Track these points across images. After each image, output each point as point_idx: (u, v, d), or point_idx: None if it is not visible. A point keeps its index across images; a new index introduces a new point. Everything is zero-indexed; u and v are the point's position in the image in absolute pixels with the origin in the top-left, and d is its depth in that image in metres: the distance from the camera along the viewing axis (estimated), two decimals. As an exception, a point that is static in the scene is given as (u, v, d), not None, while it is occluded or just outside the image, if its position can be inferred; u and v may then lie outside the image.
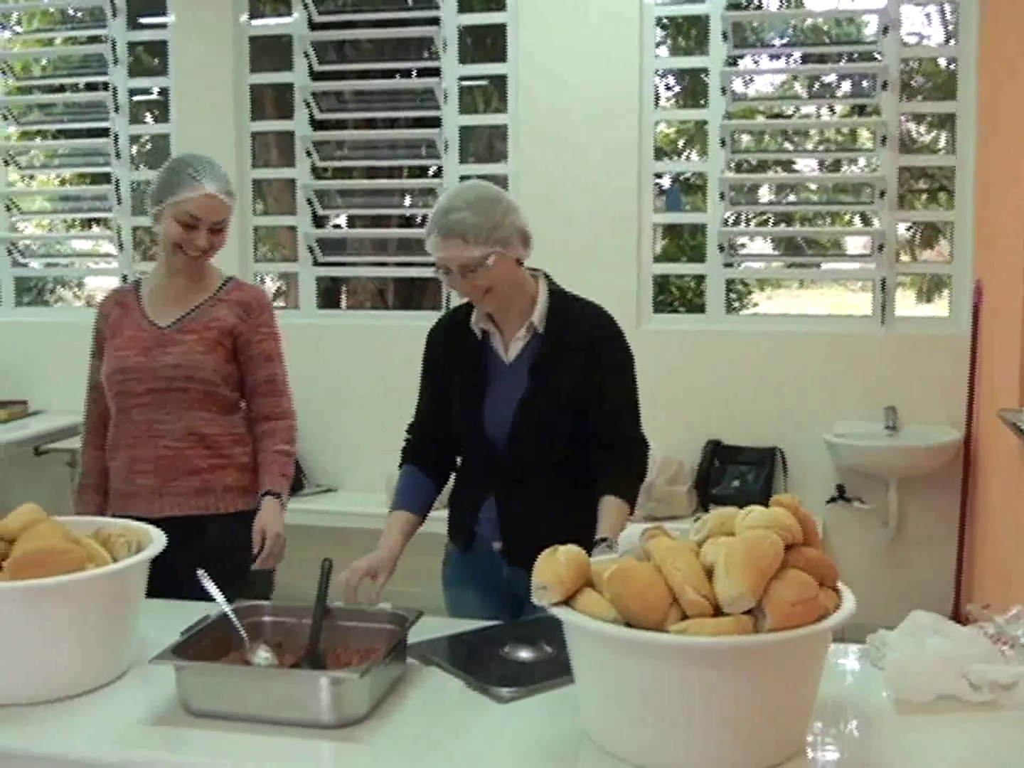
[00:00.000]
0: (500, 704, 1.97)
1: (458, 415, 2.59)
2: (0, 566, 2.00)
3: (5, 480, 5.28)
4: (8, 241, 5.58)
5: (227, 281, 2.91)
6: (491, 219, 2.42)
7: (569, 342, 2.52)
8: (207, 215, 2.73)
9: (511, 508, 2.55)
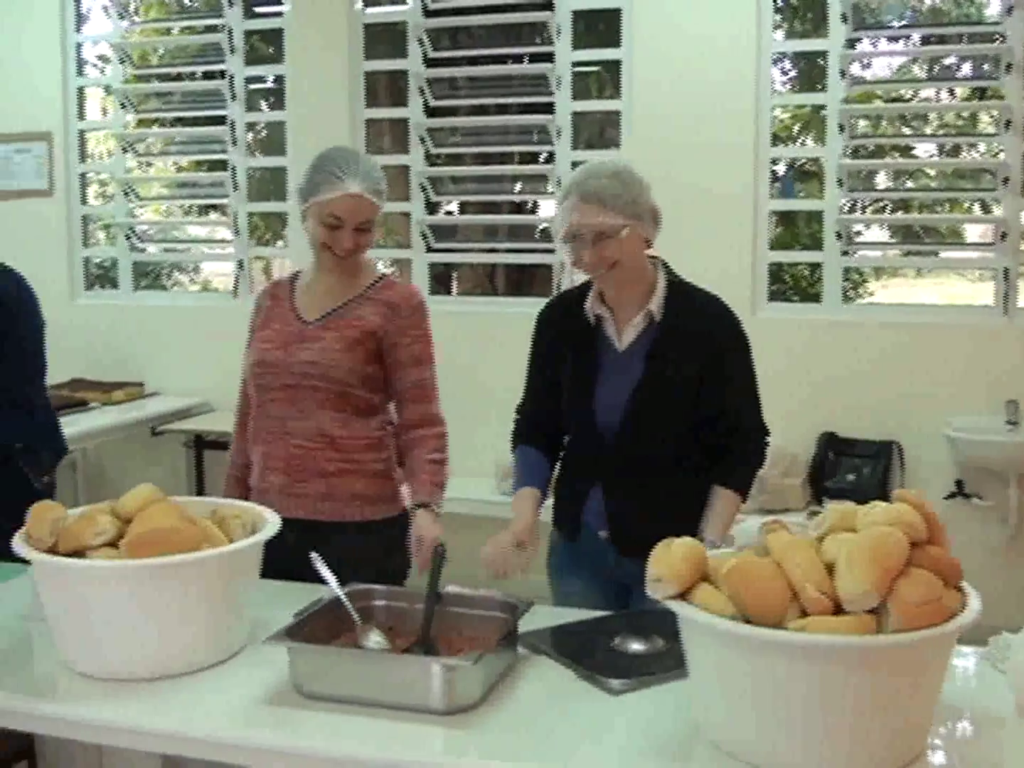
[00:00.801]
0: (611, 696, 1.95)
1: (568, 401, 2.56)
2: (117, 545, 2.04)
3: (122, 460, 5.43)
4: (127, 226, 5.71)
5: (380, 279, 2.75)
6: (630, 191, 2.42)
7: (687, 331, 2.49)
8: (351, 216, 2.59)
9: (619, 497, 2.52)
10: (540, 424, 2.66)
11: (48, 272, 5.55)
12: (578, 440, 2.62)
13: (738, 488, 2.54)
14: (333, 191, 2.58)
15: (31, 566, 2.11)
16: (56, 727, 2.06)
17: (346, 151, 2.71)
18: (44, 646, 2.18)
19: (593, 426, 2.53)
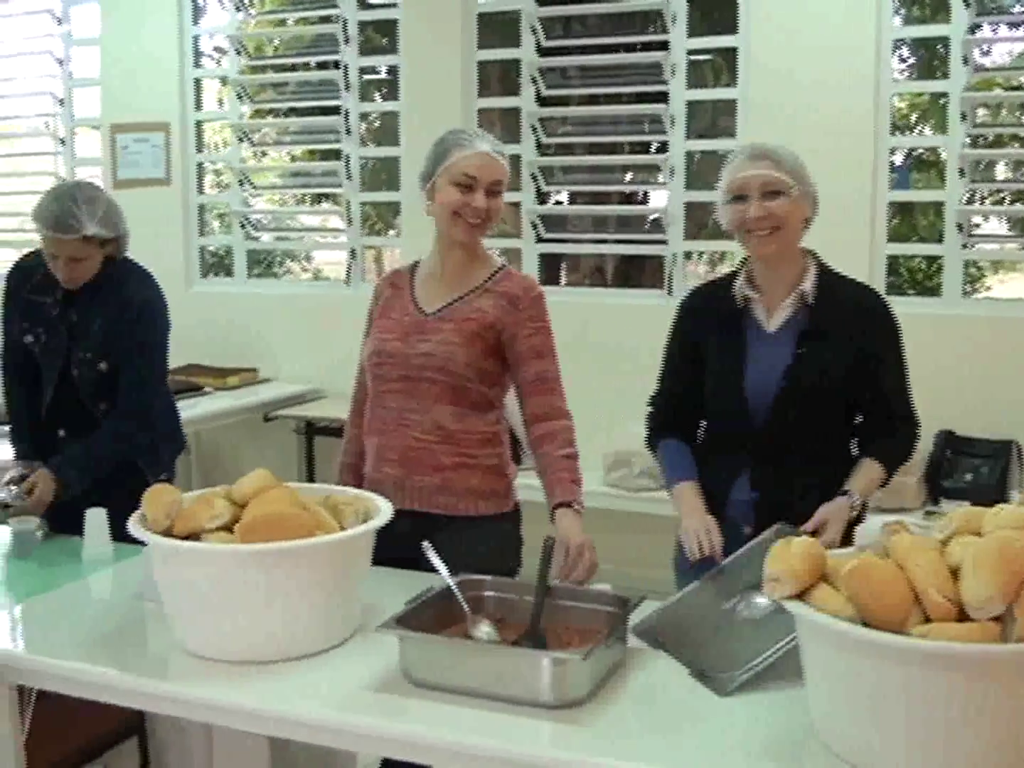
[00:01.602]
0: (724, 694, 1.92)
1: (714, 385, 2.54)
2: (231, 529, 2.07)
3: (234, 444, 5.53)
4: (242, 215, 5.80)
5: (499, 270, 2.71)
6: (798, 160, 2.51)
7: (840, 315, 2.49)
8: (484, 174, 2.57)
9: (767, 487, 2.47)
10: (679, 414, 2.65)
11: (165, 259, 5.66)
12: (723, 426, 2.59)
13: (885, 465, 2.52)
14: (464, 151, 2.58)
15: (146, 547, 2.15)
16: (166, 705, 2.10)
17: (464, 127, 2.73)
18: (157, 626, 2.23)
19: (743, 411, 2.49)
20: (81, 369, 3.14)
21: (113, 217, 3.10)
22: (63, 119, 6.25)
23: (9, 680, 2.21)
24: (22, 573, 2.72)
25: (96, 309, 3.14)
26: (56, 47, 6.21)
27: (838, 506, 2.41)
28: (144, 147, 5.83)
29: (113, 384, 3.14)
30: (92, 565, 2.71)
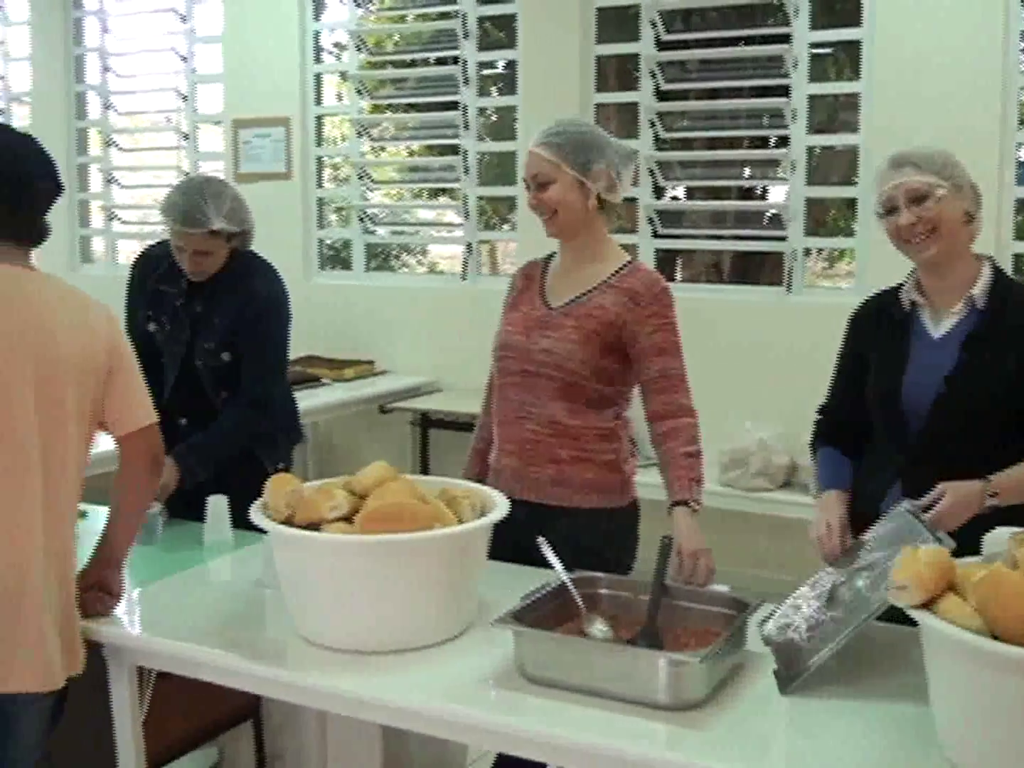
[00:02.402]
0: (784, 693, 1.89)
1: (874, 386, 2.46)
2: (351, 520, 2.09)
3: (350, 435, 5.60)
4: (360, 209, 5.87)
5: (625, 265, 2.67)
6: (943, 156, 2.36)
7: (1012, 323, 2.35)
8: (528, 171, 2.63)
9: (920, 496, 2.38)
10: (844, 424, 2.56)
11: (285, 252, 5.76)
12: (880, 433, 2.50)
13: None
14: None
15: (267, 535, 2.19)
16: (282, 691, 2.14)
17: (559, 119, 2.69)
18: (276, 613, 2.26)
19: (900, 417, 2.40)
20: (204, 359, 3.19)
21: (239, 212, 3.15)
22: (187, 114, 6.40)
23: (130, 661, 2.27)
24: (145, 558, 2.79)
25: (221, 301, 3.19)
26: (180, 44, 6.36)
27: (966, 485, 2.25)
28: (265, 141, 5.94)
29: (235, 375, 3.19)
30: (213, 551, 2.77)
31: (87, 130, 6.84)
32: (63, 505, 2.17)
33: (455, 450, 4.92)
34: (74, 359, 2.15)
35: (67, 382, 2.14)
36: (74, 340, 2.16)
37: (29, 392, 2.10)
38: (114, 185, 6.70)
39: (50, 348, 2.13)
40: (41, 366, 2.11)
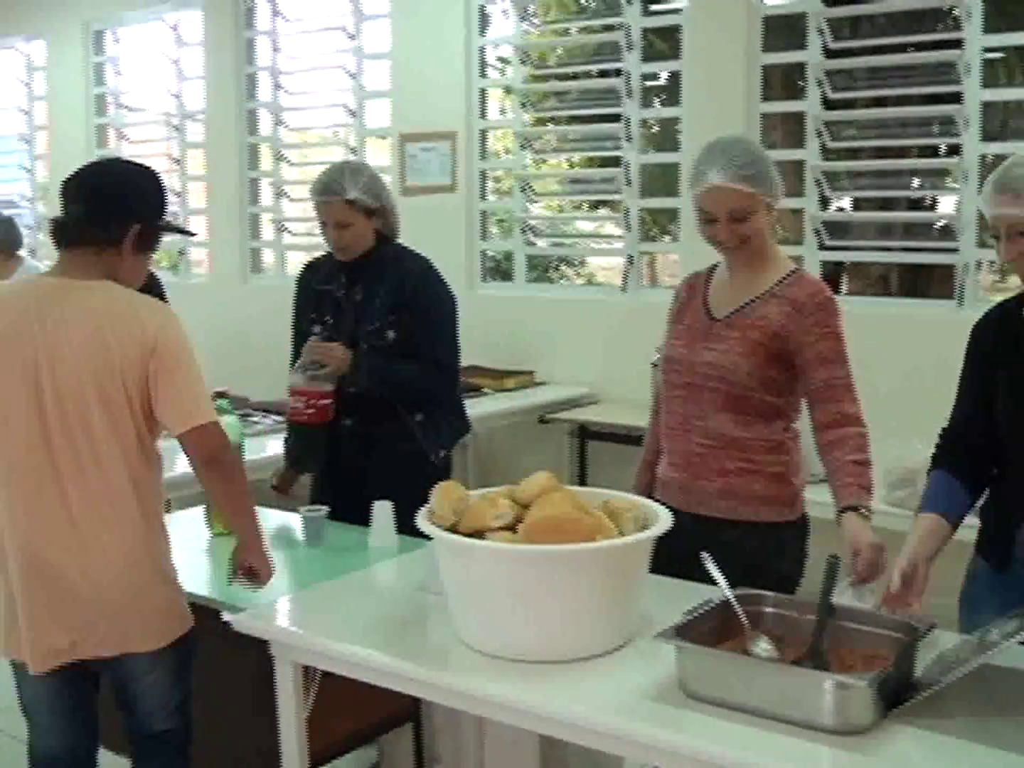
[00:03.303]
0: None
1: (1000, 412, 2.34)
2: (515, 529, 2.10)
3: (510, 445, 5.64)
4: (522, 221, 5.92)
5: (789, 274, 2.63)
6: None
7: None
8: (719, 208, 2.53)
9: None
10: (964, 446, 2.41)
11: (449, 263, 5.82)
12: (1014, 456, 2.35)
13: None
14: (698, 185, 2.56)
15: (430, 541, 2.22)
16: (442, 696, 2.17)
17: (717, 142, 2.62)
18: (438, 618, 2.29)
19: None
20: (369, 341, 3.34)
21: (375, 187, 3.37)
22: (355, 129, 6.55)
23: (295, 659, 2.33)
24: (312, 560, 2.87)
25: (378, 283, 3.37)
26: (349, 62, 6.52)
27: None
28: (431, 155, 6.04)
29: (401, 355, 3.33)
30: (378, 555, 2.84)
31: (258, 146, 7.07)
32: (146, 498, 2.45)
33: (613, 462, 4.92)
34: (123, 363, 2.35)
35: (120, 385, 2.36)
36: (122, 345, 2.36)
37: (91, 395, 2.35)
38: (283, 198, 6.91)
39: (101, 353, 2.34)
40: (97, 373, 2.35)
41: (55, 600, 2.39)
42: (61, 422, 2.36)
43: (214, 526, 3.09)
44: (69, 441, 2.36)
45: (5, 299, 2.47)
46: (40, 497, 2.37)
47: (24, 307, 2.40)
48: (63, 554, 2.38)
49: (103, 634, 2.42)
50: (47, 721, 2.54)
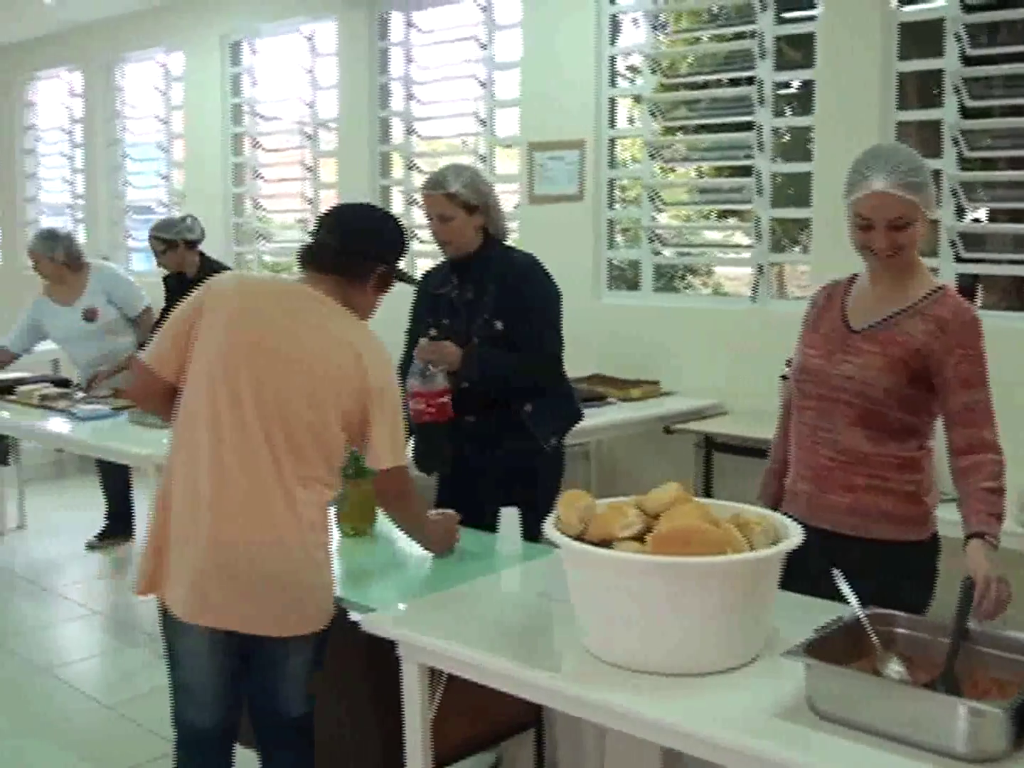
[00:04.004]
0: None
1: None
2: (643, 539, 2.10)
3: (634, 455, 5.62)
4: (650, 230, 5.90)
5: (935, 291, 2.57)
6: None
7: None
8: (878, 215, 2.46)
9: None
10: None
11: (576, 272, 5.88)
12: None
13: None
14: (859, 191, 2.49)
15: (558, 549, 2.23)
16: (565, 703, 2.17)
17: (879, 148, 2.60)
18: (563, 626, 2.30)
19: None
20: (479, 334, 3.48)
21: (478, 184, 3.53)
22: (484, 138, 6.61)
23: (421, 661, 2.37)
24: (439, 564, 2.91)
25: (486, 280, 3.51)
26: (480, 71, 6.58)
27: None
28: (559, 164, 6.06)
29: (510, 345, 3.46)
30: (504, 561, 2.86)
31: (390, 154, 7.19)
32: (324, 492, 2.60)
33: (739, 474, 4.86)
34: (339, 385, 2.54)
35: (330, 399, 2.54)
36: (342, 368, 2.55)
37: (297, 392, 2.52)
38: (414, 206, 7.01)
39: (321, 364, 2.54)
40: (312, 377, 2.53)
41: (237, 576, 2.50)
42: (258, 409, 2.50)
43: (344, 528, 3.16)
44: (263, 425, 2.49)
45: (254, 286, 2.68)
46: (233, 469, 2.50)
47: (269, 297, 2.62)
48: (248, 531, 2.50)
49: (275, 615, 2.53)
50: (209, 693, 2.63)
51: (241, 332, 2.54)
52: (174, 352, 2.58)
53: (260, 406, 2.49)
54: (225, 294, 2.60)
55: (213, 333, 2.54)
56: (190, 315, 2.58)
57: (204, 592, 2.50)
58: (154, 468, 4.13)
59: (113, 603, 5.41)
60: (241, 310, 2.57)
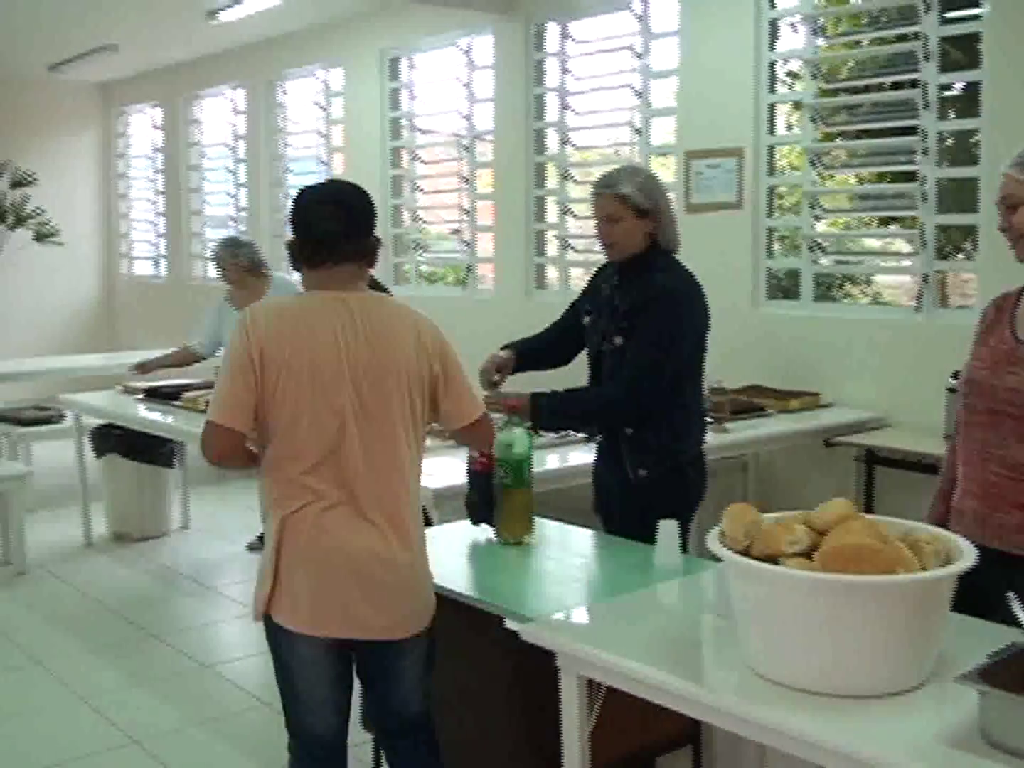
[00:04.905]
0: None
1: None
2: (810, 555, 2.06)
3: (792, 468, 5.52)
4: (809, 238, 5.78)
5: None
6: None
7: None
8: (1006, 191, 2.48)
9: None
10: None
11: (733, 281, 5.81)
12: None
13: None
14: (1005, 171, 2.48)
15: (720, 563, 2.21)
16: (726, 720, 2.13)
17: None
18: (724, 642, 2.27)
19: None
20: (604, 345, 3.44)
21: (650, 188, 3.41)
22: (639, 147, 6.59)
23: (581, 673, 2.36)
24: (597, 576, 2.91)
25: (630, 290, 3.41)
26: (635, 80, 6.56)
27: None
28: (716, 172, 6.00)
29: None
30: (662, 574, 2.84)
31: (545, 164, 7.22)
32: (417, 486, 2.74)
33: (903, 490, 4.73)
34: (405, 367, 2.63)
35: (395, 387, 2.61)
36: (412, 348, 2.65)
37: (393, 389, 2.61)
38: (568, 216, 7.03)
39: (380, 356, 2.61)
40: (370, 371, 2.59)
41: (369, 582, 2.61)
42: (362, 423, 2.60)
43: (503, 537, 3.18)
44: (367, 436, 2.60)
45: (316, 311, 2.64)
46: (339, 479, 2.60)
47: (335, 319, 2.61)
48: (361, 538, 2.60)
49: (399, 617, 2.66)
50: (325, 697, 2.71)
51: (326, 362, 2.57)
52: (248, 406, 2.57)
53: (368, 419, 2.60)
54: (281, 334, 2.58)
55: (293, 373, 2.55)
56: (247, 366, 2.56)
57: (330, 602, 2.60)
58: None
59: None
60: (311, 340, 2.58)
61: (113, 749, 3.92)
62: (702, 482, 3.55)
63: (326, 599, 2.59)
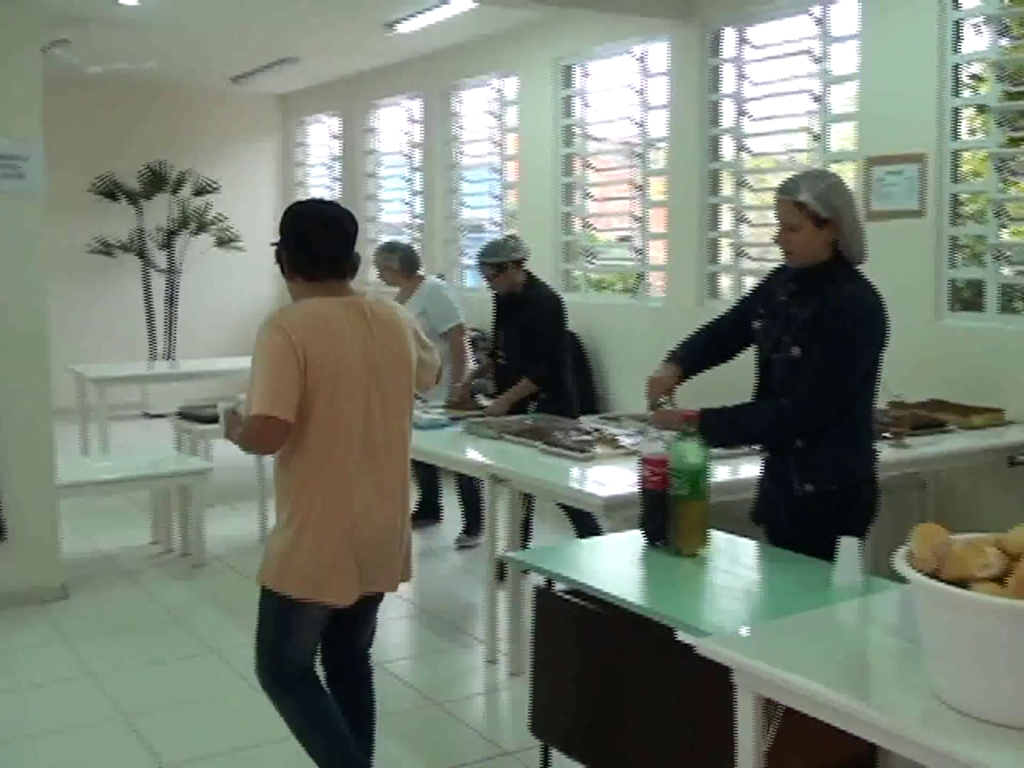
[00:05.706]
0: None
1: None
2: (1002, 580, 1.98)
3: (973, 487, 5.30)
4: (994, 248, 5.56)
5: None
6: None
7: None
8: None
9: None
10: None
11: (914, 291, 5.64)
12: None
13: None
14: None
15: (905, 585, 2.14)
16: (908, 748, 2.05)
17: None
18: (909, 665, 2.21)
19: None
20: (778, 353, 3.32)
21: (832, 197, 3.24)
22: (818, 154, 6.45)
23: (757, 691, 2.32)
24: (774, 593, 2.86)
25: (809, 300, 3.27)
26: (814, 85, 6.43)
27: None
28: (897, 179, 5.83)
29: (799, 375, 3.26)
30: (842, 593, 2.77)
31: (719, 171, 7.14)
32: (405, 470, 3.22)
33: (1096, 513, 4.51)
34: (408, 357, 3.16)
35: (405, 377, 3.16)
36: (408, 341, 3.17)
37: (403, 380, 3.14)
38: (743, 224, 6.93)
39: (392, 351, 3.11)
40: (385, 366, 3.07)
41: (387, 549, 3.14)
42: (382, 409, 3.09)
43: (679, 548, 3.15)
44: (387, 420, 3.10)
45: (339, 315, 3.04)
46: (369, 460, 3.06)
47: (354, 321, 3.05)
48: (384, 510, 3.10)
49: (399, 573, 3.22)
50: (315, 641, 3.24)
51: (354, 359, 3.00)
52: (296, 399, 2.93)
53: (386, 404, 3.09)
54: (318, 335, 2.97)
55: (329, 369, 2.96)
56: (293, 364, 2.92)
57: (353, 572, 3.07)
58: (488, 476, 4.55)
59: (444, 605, 5.66)
60: (341, 340, 3.00)
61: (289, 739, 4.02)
62: (875, 500, 3.43)
63: (350, 570, 3.05)
